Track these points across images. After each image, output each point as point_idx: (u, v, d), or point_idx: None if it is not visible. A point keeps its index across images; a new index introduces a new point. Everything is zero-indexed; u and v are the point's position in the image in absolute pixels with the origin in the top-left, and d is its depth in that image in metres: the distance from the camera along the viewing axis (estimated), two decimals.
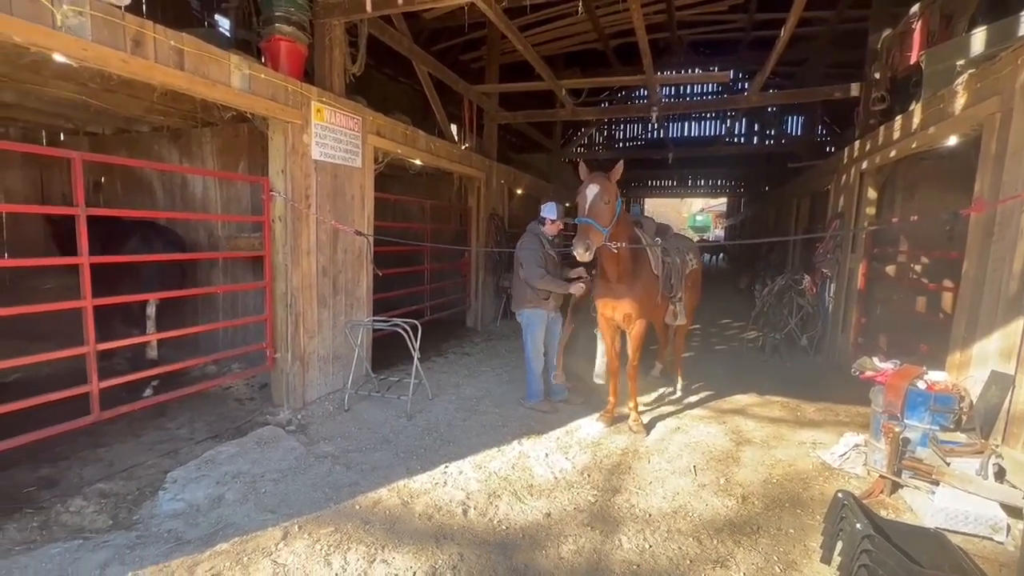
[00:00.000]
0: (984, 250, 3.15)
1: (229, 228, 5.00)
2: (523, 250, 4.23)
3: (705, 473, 3.34)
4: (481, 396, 4.75)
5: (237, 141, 4.91)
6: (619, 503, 2.95)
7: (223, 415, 4.18)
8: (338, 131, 4.46)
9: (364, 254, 5.01)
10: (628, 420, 4.07)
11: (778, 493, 3.09)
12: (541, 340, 4.33)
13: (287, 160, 3.99)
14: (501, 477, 3.21)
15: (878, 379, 3.27)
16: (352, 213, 4.77)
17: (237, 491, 3.00)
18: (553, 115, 7.80)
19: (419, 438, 3.81)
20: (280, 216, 4.07)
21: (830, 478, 3.32)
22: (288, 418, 4.15)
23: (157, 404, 3.71)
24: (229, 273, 5.17)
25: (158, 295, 3.84)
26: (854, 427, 4.23)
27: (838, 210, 6.47)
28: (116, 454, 3.41)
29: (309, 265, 4.29)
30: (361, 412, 4.33)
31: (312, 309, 4.36)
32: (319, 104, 4.22)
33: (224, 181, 5.04)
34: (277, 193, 4.01)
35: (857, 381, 5.52)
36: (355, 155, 4.71)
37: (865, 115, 6.26)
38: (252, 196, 4.93)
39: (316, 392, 4.49)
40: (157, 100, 4.00)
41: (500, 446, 3.67)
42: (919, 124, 4.24)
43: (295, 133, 4.01)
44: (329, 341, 4.61)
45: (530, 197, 10.82)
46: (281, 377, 4.24)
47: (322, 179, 4.34)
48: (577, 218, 3.38)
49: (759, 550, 2.53)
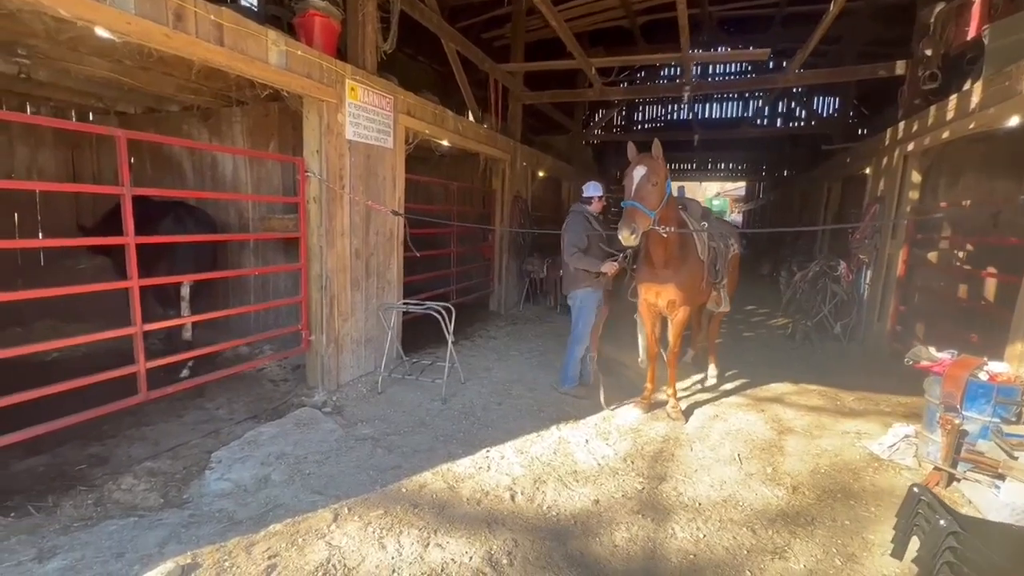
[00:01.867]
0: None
1: (260, 209, 4.97)
2: (567, 230, 4.11)
3: (750, 462, 3.28)
4: (513, 380, 4.72)
5: (267, 120, 4.84)
6: (666, 491, 2.91)
7: (260, 396, 4.20)
8: (371, 111, 4.38)
9: (395, 236, 4.96)
10: (666, 407, 4.02)
11: (828, 484, 3.03)
12: (592, 324, 4.23)
13: (322, 140, 3.92)
14: (544, 463, 3.19)
15: (935, 369, 3.16)
16: (384, 194, 4.71)
17: (282, 472, 3.01)
18: (581, 95, 7.62)
19: (456, 422, 3.80)
20: (315, 197, 4.02)
21: (880, 469, 3.24)
22: (323, 400, 4.16)
23: (196, 385, 3.72)
24: (260, 255, 5.16)
25: (197, 276, 3.82)
26: (898, 417, 4.14)
27: (877, 194, 6.26)
28: (160, 433, 3.44)
29: (343, 247, 4.25)
30: (395, 395, 4.33)
31: (346, 291, 4.34)
32: (353, 82, 4.13)
33: (254, 161, 5.00)
34: (312, 174, 3.96)
35: (897, 369, 5.42)
36: (387, 135, 4.63)
37: (911, 94, 6.00)
38: (283, 176, 4.89)
39: (349, 374, 4.49)
40: (192, 78, 3.93)
41: (539, 431, 3.64)
42: (979, 103, 4.03)
43: (330, 112, 3.93)
44: (362, 324, 4.59)
45: (551, 179, 10.69)
46: (316, 359, 4.24)
47: (355, 160, 4.27)
48: (623, 201, 3.28)
49: (816, 541, 2.48)
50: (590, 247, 4.04)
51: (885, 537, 2.51)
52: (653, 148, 3.29)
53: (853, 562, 2.34)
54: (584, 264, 4.02)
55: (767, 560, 2.34)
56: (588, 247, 4.03)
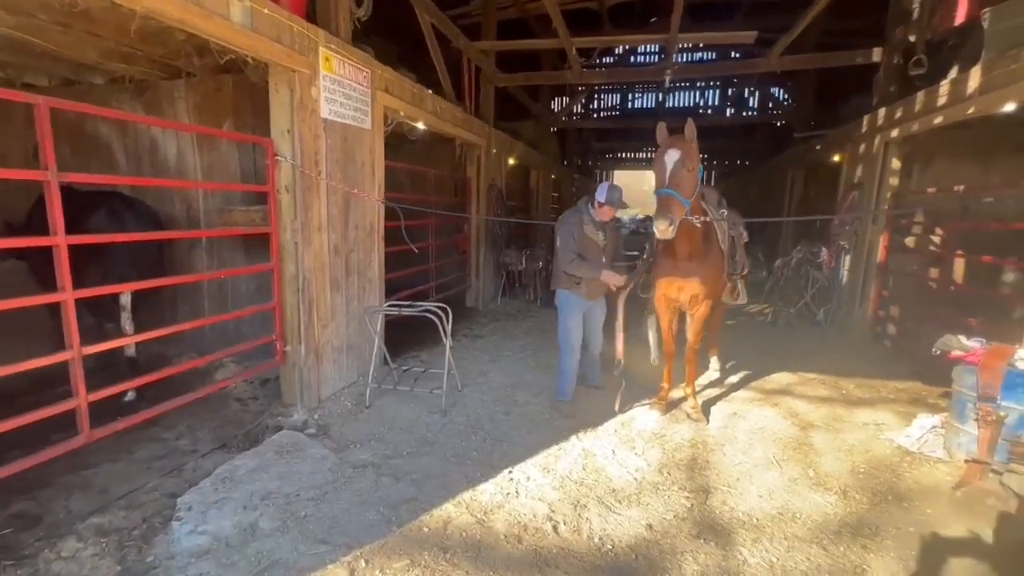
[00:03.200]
0: None
1: (215, 200, 4.28)
2: (561, 226, 3.66)
3: (789, 465, 3.09)
4: (513, 385, 4.34)
5: (220, 96, 4.15)
6: (716, 506, 2.65)
7: (227, 419, 3.60)
8: (347, 85, 3.81)
9: (375, 229, 4.43)
10: (685, 407, 3.79)
11: (874, 485, 2.88)
12: (576, 330, 3.70)
13: (294, 118, 3.34)
14: (576, 482, 2.85)
15: (967, 359, 3.08)
16: (363, 182, 4.16)
17: (272, 516, 2.50)
18: (559, 77, 7.27)
19: (464, 438, 3.38)
20: (287, 185, 3.44)
21: (914, 464, 3.15)
22: (304, 419, 3.62)
23: (152, 417, 3.09)
24: (214, 254, 4.46)
25: (156, 282, 3.14)
26: (902, 404, 4.13)
27: (854, 181, 6.34)
28: (107, 477, 2.81)
29: (321, 243, 3.69)
30: (385, 408, 3.84)
31: (325, 294, 3.79)
32: (327, 51, 3.55)
33: (204, 144, 4.28)
34: (283, 158, 3.37)
35: (881, 354, 5.53)
36: (364, 114, 4.08)
37: (886, 82, 6.08)
38: (241, 161, 4.22)
39: (331, 388, 3.96)
40: (127, 40, 3.23)
41: (559, 443, 3.30)
42: (979, 87, 4.03)
43: (303, 85, 3.35)
44: (343, 329, 4.05)
45: (520, 167, 10.29)
46: (293, 372, 3.67)
47: (332, 142, 3.71)
48: (657, 190, 2.96)
49: (891, 555, 2.29)
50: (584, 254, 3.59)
51: (953, 543, 2.37)
52: (687, 130, 2.99)
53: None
54: (584, 271, 3.53)
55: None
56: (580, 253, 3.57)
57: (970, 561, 2.26)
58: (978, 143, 5.33)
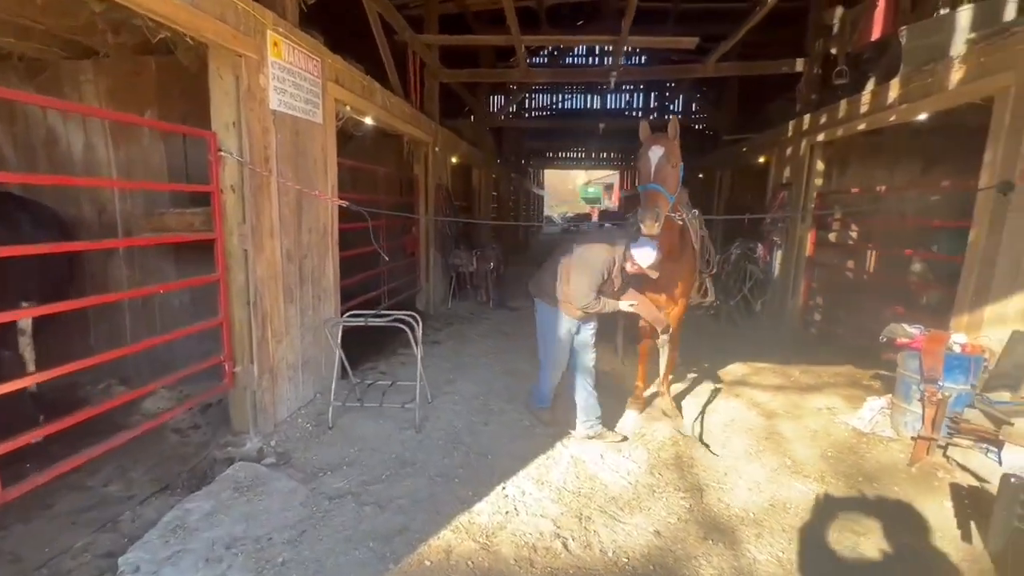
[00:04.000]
0: (997, 219, 3.35)
1: (136, 201, 3.70)
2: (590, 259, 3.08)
3: (766, 456, 3.21)
4: (485, 392, 4.18)
5: (140, 81, 3.59)
6: (713, 504, 2.68)
7: (165, 456, 3.12)
8: (297, 74, 3.45)
9: (329, 232, 4.07)
10: (660, 405, 3.84)
11: (844, 469, 3.07)
12: (565, 347, 3.32)
13: (241, 109, 2.95)
14: (573, 492, 2.76)
15: (913, 345, 3.37)
16: (316, 181, 3.80)
17: (244, 567, 2.17)
18: (505, 75, 7.19)
19: (445, 454, 3.18)
20: (234, 185, 3.03)
21: (870, 444, 3.40)
22: (259, 447, 3.23)
23: (71, 469, 2.58)
24: (137, 265, 3.86)
25: (72, 305, 2.61)
26: (843, 387, 4.49)
27: (783, 181, 6.83)
28: (18, 541, 2.31)
29: (273, 249, 3.31)
30: (351, 427, 3.53)
31: (279, 305, 3.40)
32: (276, 35, 3.18)
33: (123, 136, 3.68)
34: (228, 154, 2.96)
35: (814, 342, 5.99)
36: (315, 107, 3.72)
37: (807, 90, 6.61)
38: (169, 157, 3.68)
39: (287, 409, 3.58)
40: (26, 10, 2.67)
41: (546, 452, 3.20)
42: (898, 97, 4.45)
43: (250, 72, 2.97)
44: (298, 343, 3.68)
45: (462, 166, 10.07)
46: (244, 396, 3.26)
47: (283, 136, 3.33)
48: (641, 185, 2.95)
49: (881, 535, 2.43)
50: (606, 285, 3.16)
51: (929, 520, 2.56)
52: (670, 128, 3.01)
53: (920, 553, 2.32)
54: (603, 308, 3.11)
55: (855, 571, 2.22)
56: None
57: (940, 533, 2.46)
58: (884, 149, 5.93)
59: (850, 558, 2.30)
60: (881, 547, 2.36)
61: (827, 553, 2.34)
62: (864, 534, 2.45)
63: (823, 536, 2.44)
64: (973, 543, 2.37)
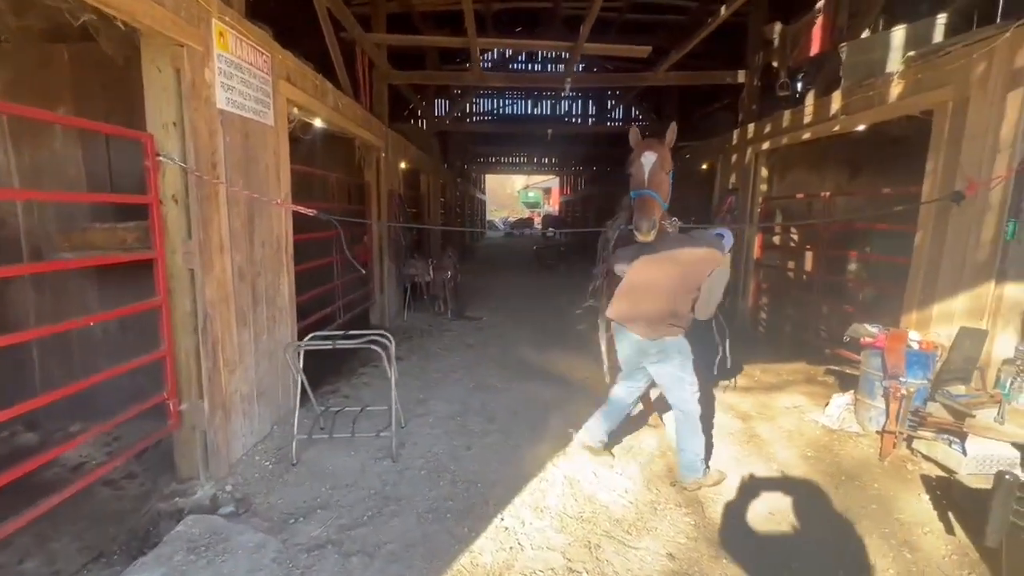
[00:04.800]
0: (940, 223, 3.61)
1: (47, 215, 3.13)
2: (723, 270, 2.85)
3: (752, 461, 3.24)
4: (461, 412, 3.95)
5: (48, 74, 3.04)
6: (717, 519, 2.64)
7: (95, 515, 2.64)
8: (246, 70, 3.08)
9: (283, 247, 3.68)
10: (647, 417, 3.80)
11: (824, 468, 3.15)
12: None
13: (184, 107, 2.57)
14: (575, 518, 2.61)
15: (876, 344, 3.55)
16: (268, 189, 3.42)
17: None
18: (458, 78, 6.97)
19: (430, 485, 2.93)
20: (175, 195, 2.63)
21: (841, 440, 3.53)
22: (211, 494, 2.83)
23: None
24: (48, 290, 3.27)
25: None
26: (800, 384, 4.70)
27: (729, 187, 7.14)
28: None
29: (224, 267, 2.91)
30: (317, 462, 3.19)
31: (231, 331, 3.01)
32: (222, 25, 2.80)
33: (25, 138, 3.11)
34: (168, 159, 2.56)
35: (763, 341, 6.28)
36: (266, 107, 3.35)
37: (749, 100, 6.95)
38: (87, 163, 3.16)
39: (241, 447, 3.17)
40: None
41: (537, 475, 3.03)
42: (840, 109, 4.73)
43: (194, 65, 2.59)
44: (252, 372, 3.28)
45: (411, 171, 9.73)
46: (193, 436, 2.84)
47: (231, 139, 2.95)
48: (635, 191, 2.87)
49: (873, 536, 2.48)
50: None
51: (913, 515, 2.66)
52: (668, 133, 2.97)
53: (915, 549, 2.39)
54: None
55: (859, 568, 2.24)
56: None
57: (926, 526, 2.56)
58: (816, 157, 6.33)
59: (852, 555, 2.33)
60: (877, 543, 2.41)
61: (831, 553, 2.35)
62: (860, 533, 2.50)
63: (824, 538, 2.46)
64: (956, 535, 2.49)
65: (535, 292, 9.89)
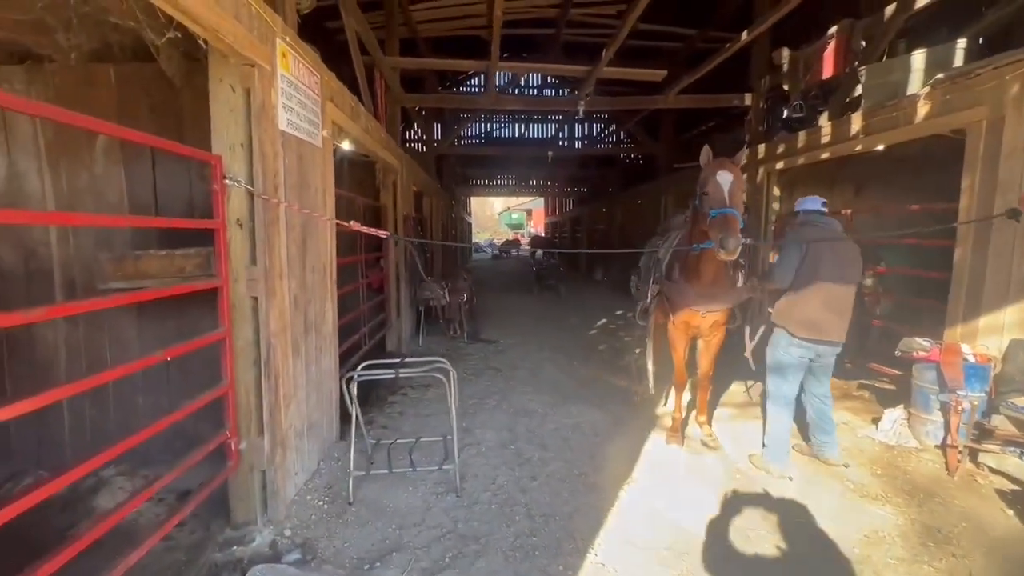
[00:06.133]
0: (980, 239, 3.69)
1: (85, 241, 2.93)
2: (852, 258, 3.23)
3: (824, 480, 3.18)
4: (511, 440, 3.80)
5: (92, 94, 2.89)
6: (811, 542, 2.55)
7: (151, 571, 2.39)
8: (302, 91, 2.99)
9: (328, 272, 3.53)
10: (700, 436, 3.73)
11: (900, 486, 3.11)
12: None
13: (253, 128, 2.45)
14: (670, 550, 2.49)
15: (931, 358, 3.57)
16: (316, 211, 3.29)
17: None
18: (471, 101, 6.97)
19: (505, 522, 2.76)
20: (240, 219, 2.49)
21: (903, 457, 3.50)
22: (270, 540, 2.62)
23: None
24: (82, 323, 3.04)
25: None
26: (842, 400, 4.67)
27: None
28: None
29: (283, 294, 2.76)
30: (375, 499, 3.00)
31: (288, 362, 2.84)
32: (284, 44, 2.72)
33: (64, 161, 2.93)
34: (235, 182, 2.43)
35: None
36: (316, 128, 3.25)
37: (756, 122, 7.15)
38: (131, 187, 2.99)
39: (294, 486, 2.96)
40: None
41: (614, 504, 2.91)
42: (861, 129, 4.87)
43: (264, 85, 2.49)
44: (304, 405, 3.09)
45: (416, 195, 9.66)
46: (251, 478, 2.63)
47: (289, 162, 2.84)
48: (715, 210, 2.86)
49: (978, 559, 2.42)
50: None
51: (1006, 531, 2.63)
52: (739, 155, 3.00)
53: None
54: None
55: None
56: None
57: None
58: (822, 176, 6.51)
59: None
60: (981, 563, 2.36)
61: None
62: (963, 555, 2.44)
63: (930, 564, 2.40)
64: None
65: (541, 313, 9.80)
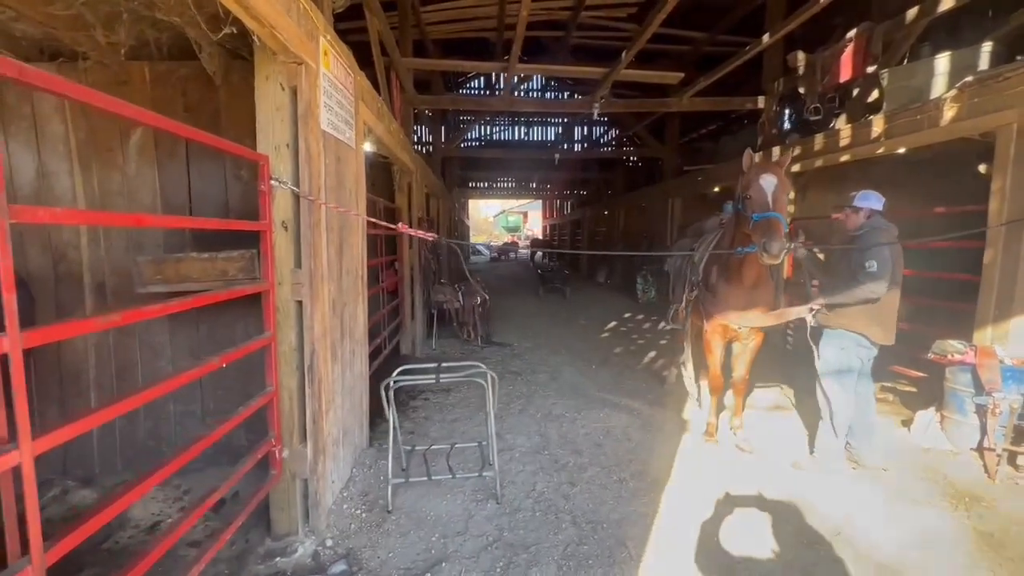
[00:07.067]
0: (1011, 241, 3.69)
1: (113, 245, 2.85)
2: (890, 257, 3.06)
3: (865, 482, 3.15)
4: (543, 446, 3.74)
5: (125, 93, 2.81)
6: (876, 548, 2.51)
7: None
8: (340, 91, 2.93)
9: (359, 275, 3.47)
10: (735, 439, 3.69)
11: (942, 489, 3.09)
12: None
13: (300, 128, 2.39)
14: (717, 562, 2.44)
15: (966, 360, 3.56)
16: (352, 213, 3.22)
17: None
18: (484, 103, 6.94)
19: (552, 529, 2.71)
20: (285, 221, 2.42)
21: (939, 459, 3.48)
22: (312, 551, 2.56)
23: None
24: (114, 328, 2.95)
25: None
26: None
27: None
28: None
29: (324, 298, 2.69)
30: (414, 507, 2.93)
31: (327, 367, 2.77)
32: (326, 43, 2.66)
33: (96, 161, 2.84)
34: (281, 183, 2.36)
35: (790, 359, 6.30)
36: (351, 128, 3.19)
37: (769, 125, 7.17)
38: (164, 186, 2.91)
39: (332, 494, 2.89)
40: None
41: (656, 511, 2.86)
42: (883, 132, 4.88)
43: (310, 83, 2.43)
44: (340, 411, 3.02)
45: (425, 198, 9.60)
46: (293, 487, 2.56)
47: (328, 162, 2.77)
48: (758, 213, 2.83)
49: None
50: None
51: None
52: (783, 157, 2.96)
53: None
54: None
55: None
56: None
57: None
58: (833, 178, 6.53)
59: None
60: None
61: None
62: (1021, 560, 2.42)
63: (990, 570, 2.37)
64: None
65: (550, 315, 9.75)
